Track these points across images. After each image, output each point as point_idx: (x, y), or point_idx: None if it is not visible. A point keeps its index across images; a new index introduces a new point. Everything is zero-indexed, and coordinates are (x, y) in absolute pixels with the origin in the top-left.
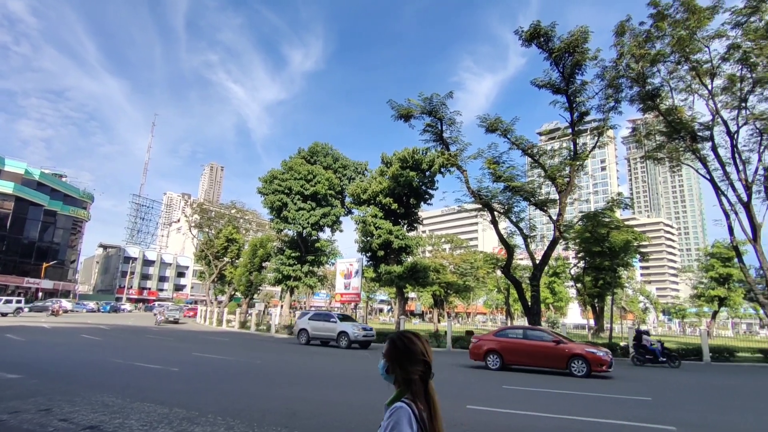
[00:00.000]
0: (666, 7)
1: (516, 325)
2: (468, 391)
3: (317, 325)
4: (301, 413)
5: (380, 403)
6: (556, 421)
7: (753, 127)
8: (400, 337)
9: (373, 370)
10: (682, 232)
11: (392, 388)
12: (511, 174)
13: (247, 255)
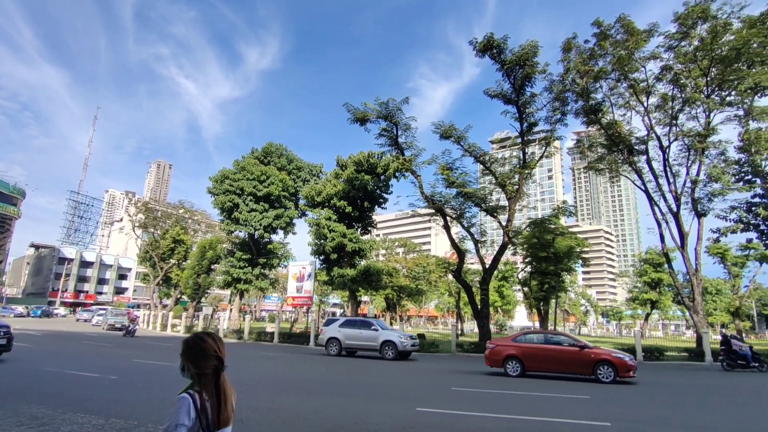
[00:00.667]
0: (608, 28)
1: (536, 330)
2: (420, 393)
3: (352, 333)
4: (248, 420)
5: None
6: (500, 421)
7: (682, 143)
8: (193, 338)
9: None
10: (620, 239)
11: None
12: (464, 180)
13: (195, 257)
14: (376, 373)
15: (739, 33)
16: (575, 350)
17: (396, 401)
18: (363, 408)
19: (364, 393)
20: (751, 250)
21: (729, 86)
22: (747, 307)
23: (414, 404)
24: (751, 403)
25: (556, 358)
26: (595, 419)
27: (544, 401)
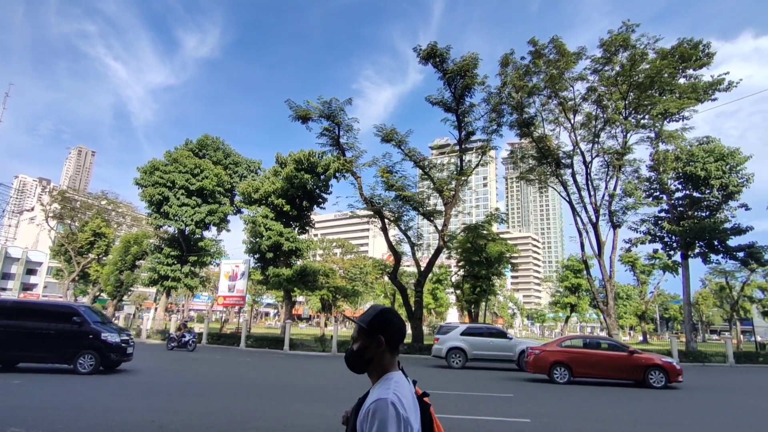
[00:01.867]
0: (542, 47)
1: (581, 335)
2: (356, 394)
3: (480, 343)
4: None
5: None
6: None
7: (603, 159)
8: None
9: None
10: (546, 246)
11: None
12: (403, 184)
13: (117, 252)
14: (307, 372)
15: (653, 63)
16: (624, 355)
17: (335, 402)
18: (293, 410)
19: (292, 395)
20: (656, 260)
21: (643, 110)
22: (651, 311)
23: (351, 405)
24: (648, 397)
25: (606, 363)
26: (517, 416)
27: (471, 400)
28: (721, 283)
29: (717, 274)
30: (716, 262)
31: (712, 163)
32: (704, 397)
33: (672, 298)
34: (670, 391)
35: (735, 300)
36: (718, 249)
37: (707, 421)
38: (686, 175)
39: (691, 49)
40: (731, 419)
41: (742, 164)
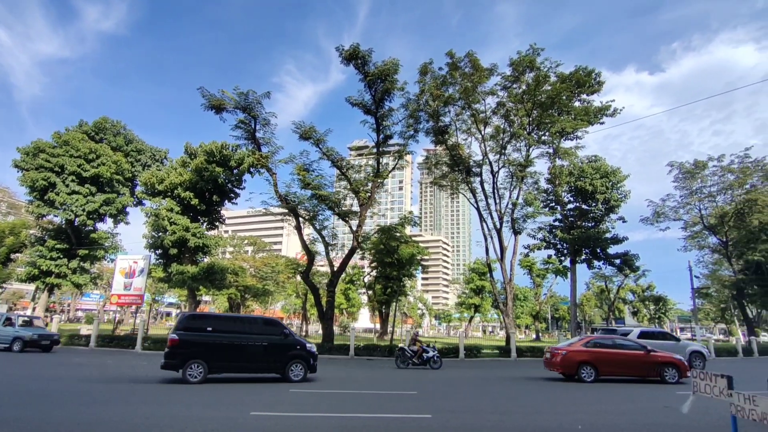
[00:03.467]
0: (459, 60)
1: (604, 335)
2: (255, 397)
3: (656, 345)
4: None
5: None
6: (332, 420)
7: (508, 170)
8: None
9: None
10: (455, 249)
11: None
12: (320, 183)
13: None
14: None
15: (554, 85)
16: (643, 354)
17: (231, 406)
18: (189, 415)
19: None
20: (550, 265)
21: (544, 128)
22: (544, 311)
23: (249, 408)
24: (543, 389)
25: (627, 362)
26: (419, 412)
27: (376, 398)
28: (602, 286)
29: (598, 279)
30: (598, 268)
31: (598, 180)
32: (607, 388)
33: (562, 299)
34: (574, 384)
35: (612, 301)
36: (600, 256)
37: (598, 407)
38: (577, 188)
39: (586, 76)
40: (613, 406)
41: (622, 182)
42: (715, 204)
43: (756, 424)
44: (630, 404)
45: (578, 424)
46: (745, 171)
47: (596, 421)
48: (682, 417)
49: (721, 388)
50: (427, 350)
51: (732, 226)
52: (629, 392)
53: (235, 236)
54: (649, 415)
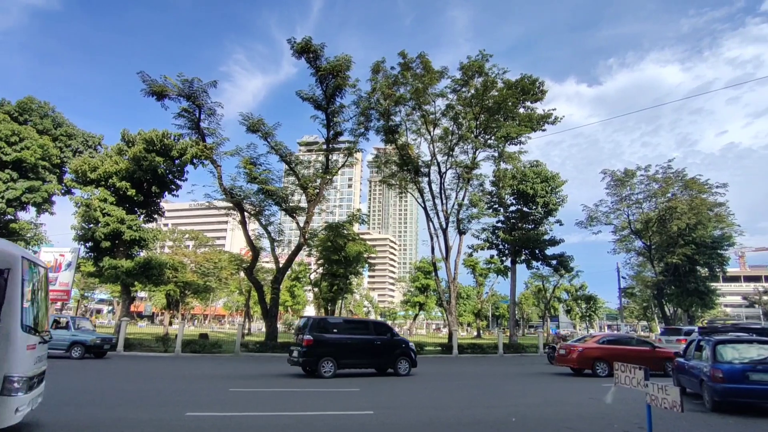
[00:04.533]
0: (410, 61)
1: (614, 333)
2: (193, 397)
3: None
4: None
5: None
6: (271, 419)
7: (455, 171)
8: None
9: None
10: (402, 248)
11: None
12: (267, 177)
13: None
14: (142, 374)
15: (501, 91)
16: (650, 350)
17: (165, 407)
18: (125, 416)
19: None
20: (492, 264)
21: (490, 132)
22: (485, 309)
23: (184, 409)
24: (481, 385)
25: (636, 358)
26: (361, 409)
27: (318, 396)
28: (539, 285)
29: (536, 278)
30: (536, 268)
31: (539, 184)
32: (553, 381)
33: (502, 298)
34: (507, 379)
35: (548, 300)
36: (538, 257)
37: (533, 400)
38: (519, 192)
39: (530, 84)
40: (550, 398)
41: (560, 186)
42: (642, 210)
43: (667, 410)
44: (570, 395)
45: (512, 416)
46: (667, 181)
47: (528, 413)
48: (606, 407)
49: (639, 380)
50: None
51: (655, 231)
52: (574, 385)
53: (176, 230)
54: (578, 407)
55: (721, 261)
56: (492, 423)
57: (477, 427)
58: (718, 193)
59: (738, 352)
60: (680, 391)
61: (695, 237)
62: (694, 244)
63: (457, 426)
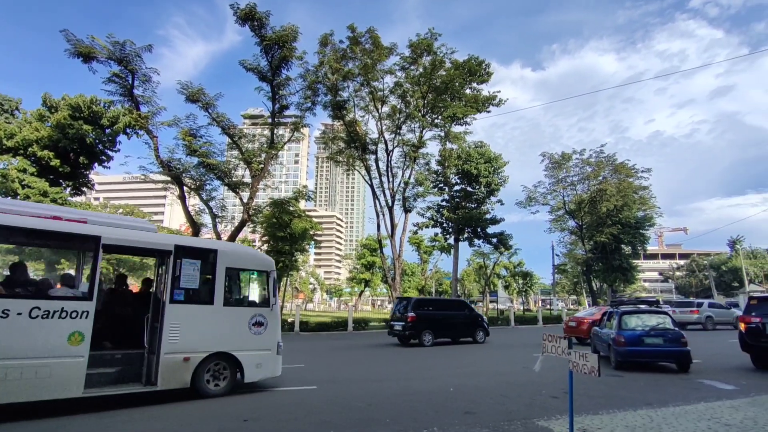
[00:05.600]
0: (360, 35)
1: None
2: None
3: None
4: None
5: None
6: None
7: (402, 150)
8: None
9: None
10: (348, 225)
11: None
12: (208, 150)
13: None
14: None
15: (449, 71)
16: None
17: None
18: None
19: None
20: (436, 242)
21: (437, 111)
22: (429, 285)
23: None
24: (422, 358)
25: None
26: (305, 384)
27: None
28: (480, 262)
29: (478, 256)
30: (478, 246)
31: (482, 164)
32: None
33: (445, 275)
34: (448, 350)
35: (488, 276)
36: (480, 235)
37: (471, 369)
38: (464, 171)
39: (477, 65)
40: (485, 369)
41: (503, 167)
42: (575, 192)
43: (587, 375)
44: (505, 365)
45: (450, 387)
46: (599, 164)
47: (465, 383)
48: (536, 375)
49: (563, 348)
50: None
51: (586, 212)
52: (509, 355)
53: (108, 204)
54: (512, 375)
55: (642, 240)
56: (430, 393)
57: (415, 397)
58: (643, 177)
59: (637, 321)
60: (597, 357)
61: (621, 218)
62: (620, 224)
63: (397, 398)
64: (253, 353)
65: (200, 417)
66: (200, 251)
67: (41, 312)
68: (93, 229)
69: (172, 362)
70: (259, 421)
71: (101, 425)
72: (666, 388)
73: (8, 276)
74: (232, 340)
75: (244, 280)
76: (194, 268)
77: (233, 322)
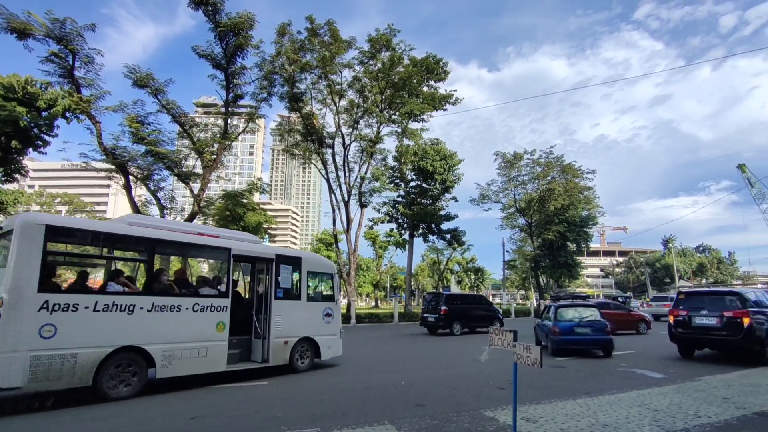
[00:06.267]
0: (318, 27)
1: (598, 300)
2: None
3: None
4: None
5: None
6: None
7: (359, 144)
8: None
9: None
10: (304, 219)
11: None
12: (157, 138)
13: None
14: None
15: (407, 68)
16: (626, 313)
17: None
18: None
19: None
20: (391, 237)
21: (395, 107)
22: (384, 280)
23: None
24: (375, 353)
25: (618, 319)
26: (258, 379)
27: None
28: (434, 258)
29: (432, 251)
30: (432, 242)
31: (438, 161)
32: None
33: (400, 269)
34: (408, 341)
35: (442, 272)
36: (434, 231)
37: (424, 363)
38: (420, 168)
39: (435, 63)
40: (440, 362)
41: (458, 165)
42: (526, 191)
43: (530, 366)
44: (455, 357)
45: (402, 380)
46: (549, 165)
47: (417, 376)
48: (485, 367)
49: (509, 341)
50: None
51: (536, 210)
52: (459, 347)
53: (44, 192)
54: (461, 367)
55: (586, 238)
56: (383, 387)
57: (368, 393)
58: (588, 178)
59: (570, 313)
60: (540, 350)
61: (567, 216)
62: (567, 222)
63: (349, 392)
64: (326, 337)
65: (144, 418)
66: (291, 258)
67: (199, 307)
68: (225, 242)
69: (277, 345)
70: (206, 419)
71: (41, 427)
72: (603, 378)
73: (175, 280)
74: (313, 327)
75: (318, 281)
76: (288, 271)
77: (313, 314)
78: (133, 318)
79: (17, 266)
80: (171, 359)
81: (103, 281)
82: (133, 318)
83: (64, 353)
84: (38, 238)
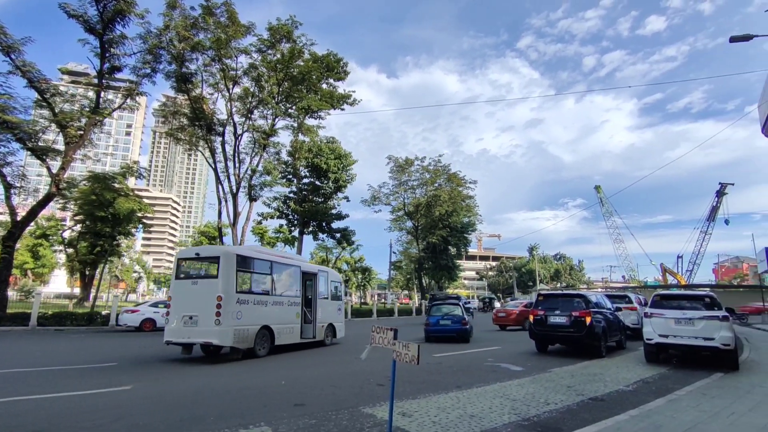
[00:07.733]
0: (215, 6)
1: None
2: None
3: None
4: None
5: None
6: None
7: (252, 135)
8: None
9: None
10: (186, 210)
11: None
12: (6, 104)
13: None
14: None
15: (307, 62)
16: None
17: None
18: None
19: None
20: (281, 234)
21: (292, 101)
22: None
23: None
24: None
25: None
26: (119, 385)
27: (66, 375)
28: (323, 256)
29: (321, 249)
30: (322, 240)
31: (332, 160)
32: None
33: None
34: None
35: None
36: (325, 229)
37: (308, 362)
38: (314, 165)
39: (335, 62)
40: (317, 362)
41: (351, 165)
42: (415, 195)
43: (407, 364)
44: (338, 355)
45: (282, 380)
46: (436, 172)
47: (299, 375)
48: (365, 364)
49: (389, 339)
50: None
51: (422, 215)
52: (347, 345)
53: None
54: (343, 365)
55: (465, 243)
56: (262, 387)
57: (245, 392)
58: (470, 188)
59: (440, 310)
60: (418, 347)
61: (450, 222)
62: (449, 227)
63: (225, 394)
64: (339, 324)
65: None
66: (324, 272)
67: (289, 303)
68: (296, 262)
69: (320, 327)
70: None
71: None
72: (473, 372)
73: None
74: (333, 317)
75: (335, 287)
76: (322, 280)
77: (333, 308)
78: (266, 308)
79: (226, 277)
80: (280, 334)
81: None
82: (266, 308)
83: (246, 328)
84: (233, 261)
